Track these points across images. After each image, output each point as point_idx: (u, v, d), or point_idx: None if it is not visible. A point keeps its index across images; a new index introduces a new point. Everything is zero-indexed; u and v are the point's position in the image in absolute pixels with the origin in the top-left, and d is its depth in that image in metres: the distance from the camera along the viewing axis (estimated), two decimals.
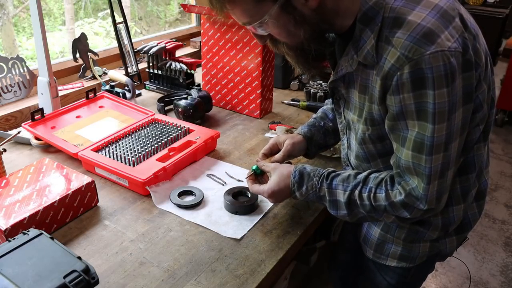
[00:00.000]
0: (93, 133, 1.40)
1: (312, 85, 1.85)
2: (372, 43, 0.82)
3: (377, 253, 1.08)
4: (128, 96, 1.70)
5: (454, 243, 1.04)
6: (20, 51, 2.62)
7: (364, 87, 0.90)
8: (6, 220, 0.95)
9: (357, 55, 0.86)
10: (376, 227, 1.06)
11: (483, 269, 2.38)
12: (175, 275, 0.91)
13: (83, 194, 1.09)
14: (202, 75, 1.72)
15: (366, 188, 0.92)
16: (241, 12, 0.85)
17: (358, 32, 0.85)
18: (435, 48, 0.75)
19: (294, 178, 1.00)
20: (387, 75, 0.81)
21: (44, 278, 0.71)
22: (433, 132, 0.80)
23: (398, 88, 0.80)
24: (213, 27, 1.60)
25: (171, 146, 1.32)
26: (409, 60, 0.77)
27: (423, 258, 1.05)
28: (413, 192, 0.86)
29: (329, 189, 0.96)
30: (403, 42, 0.77)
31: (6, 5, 2.39)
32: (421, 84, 0.77)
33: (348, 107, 0.98)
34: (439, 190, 0.86)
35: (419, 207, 0.87)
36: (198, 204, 1.13)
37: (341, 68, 0.92)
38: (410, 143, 0.84)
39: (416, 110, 0.80)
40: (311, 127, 1.20)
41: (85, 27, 2.97)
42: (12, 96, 1.62)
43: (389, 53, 0.79)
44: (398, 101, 0.81)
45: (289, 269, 1.64)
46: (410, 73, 0.77)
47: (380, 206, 0.91)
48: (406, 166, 0.86)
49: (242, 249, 0.99)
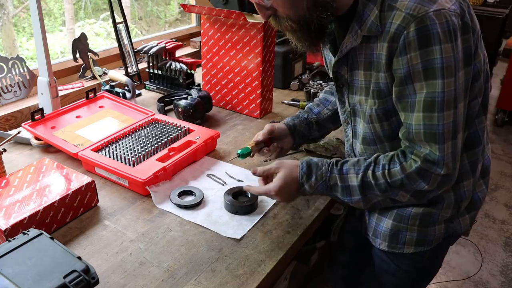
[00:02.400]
0: (93, 133, 1.40)
1: (312, 85, 1.85)
2: (376, 13, 0.87)
3: (392, 243, 1.06)
4: (128, 96, 1.70)
5: (467, 221, 1.05)
6: (20, 51, 2.62)
7: (369, 62, 0.93)
8: (6, 220, 0.95)
9: (361, 29, 0.90)
10: (387, 218, 1.05)
11: (483, 269, 2.38)
12: (175, 275, 0.91)
13: (83, 194, 1.09)
14: (202, 75, 1.72)
15: (379, 166, 0.93)
16: None
17: (361, 7, 0.89)
18: (437, 6, 0.82)
19: (302, 170, 0.99)
20: (394, 36, 0.85)
21: (44, 278, 0.71)
22: (443, 87, 0.83)
23: (405, 47, 0.84)
24: (213, 27, 1.60)
25: (171, 146, 1.32)
26: (414, 18, 0.82)
27: (439, 240, 1.05)
28: (429, 156, 0.88)
29: (340, 175, 0.96)
30: (407, 4, 0.83)
31: (6, 5, 2.39)
32: (427, 40, 0.82)
33: (353, 91, 1.00)
34: (453, 151, 0.88)
35: (436, 172, 0.88)
36: (198, 204, 1.13)
37: (345, 46, 0.95)
38: (420, 105, 0.86)
39: (424, 69, 0.84)
40: (293, 118, 1.25)
41: (86, 27, 2.97)
42: (12, 96, 1.62)
43: (394, 16, 0.84)
44: (406, 62, 0.85)
45: (289, 269, 1.64)
46: (416, 30, 0.82)
47: (396, 181, 0.91)
48: (417, 131, 0.88)
49: (242, 249, 0.99)
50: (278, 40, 1.84)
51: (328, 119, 1.26)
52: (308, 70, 2.05)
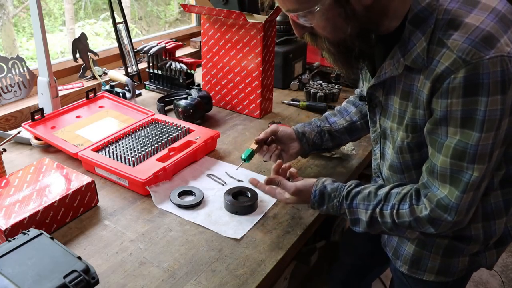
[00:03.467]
0: (93, 133, 1.40)
1: (312, 85, 1.85)
2: (423, 46, 0.78)
3: (413, 268, 1.03)
4: (128, 96, 1.70)
5: (494, 256, 1.00)
6: (20, 51, 2.62)
7: (407, 93, 0.86)
8: (6, 220, 0.95)
9: (404, 58, 0.82)
10: (409, 242, 1.02)
11: (483, 269, 2.38)
12: (175, 275, 0.91)
13: (83, 194, 1.09)
14: (202, 75, 1.72)
15: (388, 205, 0.90)
16: None
17: (408, 34, 0.81)
18: (495, 52, 0.72)
19: (314, 198, 0.99)
20: (439, 77, 0.77)
21: (44, 278, 0.71)
22: (478, 141, 0.76)
23: (448, 92, 0.76)
24: (213, 27, 1.60)
25: (171, 146, 1.32)
26: (466, 64, 0.73)
27: (462, 273, 1.01)
28: (442, 201, 0.83)
29: (349, 209, 0.95)
30: (460, 45, 0.73)
31: (6, 5, 2.39)
32: (474, 90, 0.74)
33: (385, 115, 0.95)
34: (471, 201, 0.83)
35: (446, 220, 0.84)
36: (198, 204, 1.13)
37: (384, 71, 0.87)
38: (449, 151, 0.80)
39: (462, 117, 0.76)
40: (304, 125, 1.21)
41: (86, 27, 2.97)
42: (12, 96, 1.62)
43: (443, 55, 0.75)
44: (445, 106, 0.77)
45: (289, 269, 1.64)
46: (465, 77, 0.73)
47: (404, 222, 0.88)
48: (442, 173, 0.83)
49: (242, 249, 0.99)
50: (278, 40, 1.84)
51: (344, 130, 1.20)
52: (308, 70, 2.05)
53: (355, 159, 1.37)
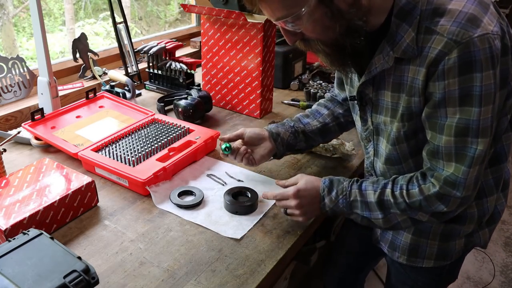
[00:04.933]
0: (93, 133, 1.40)
1: (312, 85, 1.85)
2: (412, 36, 0.82)
3: (412, 257, 1.06)
4: (128, 96, 1.70)
5: (486, 234, 1.04)
6: (20, 51, 2.62)
7: (398, 84, 0.89)
8: (6, 220, 0.95)
9: (393, 51, 0.85)
10: (405, 232, 1.04)
11: (483, 269, 2.38)
12: (175, 275, 0.91)
13: (83, 194, 1.09)
14: (202, 75, 1.72)
15: (397, 186, 0.93)
16: (279, 4, 0.82)
17: (395, 27, 0.84)
18: (481, 31, 0.77)
19: (324, 183, 1.00)
20: (434, 61, 0.80)
21: (44, 278, 0.71)
22: (479, 115, 0.80)
23: (444, 73, 0.80)
24: (213, 27, 1.60)
25: (171, 146, 1.32)
26: (458, 44, 0.77)
27: (459, 254, 1.04)
28: (449, 178, 0.86)
29: (359, 190, 0.97)
30: (449, 28, 0.78)
31: (6, 5, 2.39)
32: (468, 67, 0.78)
33: (377, 111, 0.97)
34: (477, 175, 0.86)
35: (455, 196, 0.87)
36: (198, 204, 1.13)
37: (375, 66, 0.90)
38: (451, 130, 0.83)
39: (460, 96, 0.80)
40: (278, 125, 1.21)
41: (86, 27, 2.97)
42: (12, 96, 1.62)
43: (434, 41, 0.80)
44: (442, 87, 0.81)
45: (289, 269, 1.64)
46: (459, 57, 0.77)
47: (415, 202, 0.90)
48: (447, 151, 0.85)
49: (242, 249, 0.99)
50: (278, 40, 1.84)
51: (317, 131, 1.22)
52: (308, 70, 2.06)
53: (355, 159, 1.37)
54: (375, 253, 1.23)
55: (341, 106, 1.24)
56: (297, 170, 1.30)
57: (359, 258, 1.40)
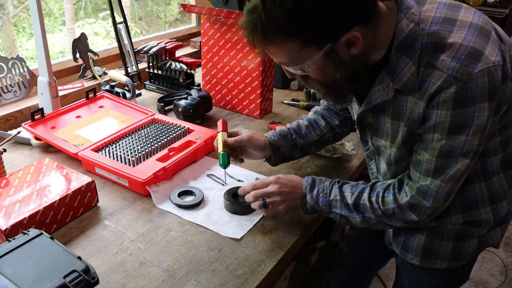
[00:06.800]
0: (93, 133, 1.40)
1: None
2: (412, 70, 0.82)
3: (425, 258, 1.05)
4: (128, 96, 1.70)
5: (498, 234, 1.04)
6: (20, 51, 2.62)
7: (398, 113, 0.90)
8: (6, 220, 0.95)
9: (394, 83, 0.86)
10: (419, 233, 1.03)
11: (483, 269, 2.38)
12: (175, 275, 0.91)
13: (83, 194, 1.09)
14: (202, 75, 1.72)
15: (374, 192, 0.96)
16: (283, 55, 0.85)
17: (395, 60, 0.84)
18: (481, 66, 0.76)
19: (306, 181, 1.03)
20: (433, 95, 0.81)
21: (44, 278, 0.71)
22: (464, 143, 0.82)
23: (439, 104, 0.80)
24: (213, 27, 1.60)
25: (171, 146, 1.32)
26: (457, 80, 0.77)
27: (472, 255, 1.04)
28: (421, 188, 0.89)
29: (340, 190, 0.99)
30: (449, 64, 0.77)
31: (6, 5, 2.39)
32: (462, 103, 0.78)
33: (377, 134, 0.98)
34: (449, 190, 0.88)
35: (425, 206, 0.89)
36: (198, 204, 1.13)
37: (375, 97, 0.91)
38: (435, 151, 0.85)
39: (449, 127, 0.81)
40: (281, 138, 1.20)
41: (86, 27, 2.97)
42: (12, 96, 1.62)
43: (434, 76, 0.79)
44: (435, 116, 0.82)
45: (289, 269, 1.64)
46: (455, 92, 0.77)
47: (389, 210, 0.93)
48: (427, 168, 0.88)
49: (242, 249, 0.99)
50: None
51: (314, 143, 1.23)
52: None
53: (355, 159, 1.37)
54: (384, 255, 1.22)
55: (337, 116, 1.24)
56: (297, 170, 1.31)
57: (368, 260, 1.40)
